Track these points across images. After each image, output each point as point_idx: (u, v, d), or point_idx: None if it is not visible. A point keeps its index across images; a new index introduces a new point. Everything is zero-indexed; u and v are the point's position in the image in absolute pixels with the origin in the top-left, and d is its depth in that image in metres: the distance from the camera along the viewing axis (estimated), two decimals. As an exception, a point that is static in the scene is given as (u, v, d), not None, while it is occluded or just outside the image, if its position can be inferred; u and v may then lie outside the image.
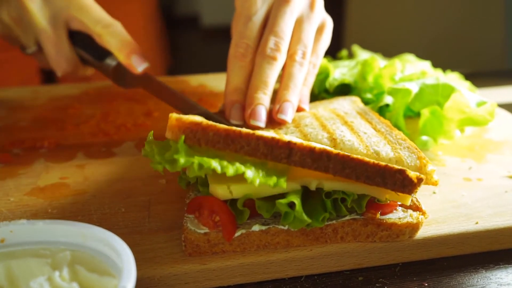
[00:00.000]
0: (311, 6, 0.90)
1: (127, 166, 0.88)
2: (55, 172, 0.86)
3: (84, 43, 0.97)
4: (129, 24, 0.99)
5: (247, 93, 0.83)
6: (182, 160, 0.57)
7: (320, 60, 0.93)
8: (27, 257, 0.55)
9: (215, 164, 0.57)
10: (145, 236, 0.68)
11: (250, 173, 0.58)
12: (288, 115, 0.81)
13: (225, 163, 0.58)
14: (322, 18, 0.93)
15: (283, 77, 0.85)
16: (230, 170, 0.57)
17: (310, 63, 0.90)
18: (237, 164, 0.58)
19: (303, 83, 0.89)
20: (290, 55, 0.86)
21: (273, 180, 0.59)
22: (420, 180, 0.62)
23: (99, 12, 0.95)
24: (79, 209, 0.75)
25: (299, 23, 0.88)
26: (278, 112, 0.81)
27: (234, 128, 0.60)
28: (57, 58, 0.97)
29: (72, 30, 0.97)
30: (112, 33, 0.92)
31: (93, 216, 0.73)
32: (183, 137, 0.59)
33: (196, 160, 0.57)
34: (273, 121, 0.82)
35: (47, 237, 0.56)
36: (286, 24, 0.85)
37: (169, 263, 0.62)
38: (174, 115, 0.62)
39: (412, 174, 0.62)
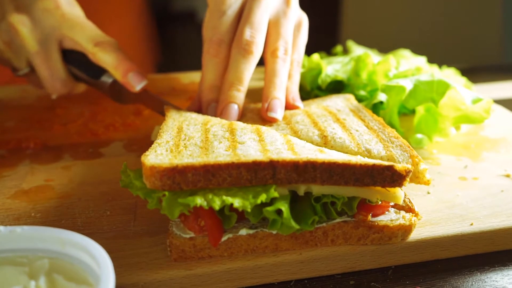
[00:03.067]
0: (287, 1, 0.88)
1: (114, 167, 0.86)
2: (40, 174, 0.84)
3: (78, 62, 0.94)
4: (117, 19, 0.96)
5: (221, 89, 0.81)
6: (170, 215, 0.57)
7: (302, 57, 0.91)
8: (3, 265, 0.53)
9: (200, 200, 0.56)
10: (130, 240, 0.66)
11: (238, 202, 0.56)
12: (278, 113, 0.79)
13: (210, 196, 0.57)
14: (299, 15, 0.92)
15: (267, 74, 0.83)
16: (217, 203, 0.56)
17: (294, 60, 0.88)
18: (223, 197, 0.56)
19: (290, 80, 0.87)
20: (272, 52, 0.84)
21: (262, 197, 0.57)
22: (408, 172, 0.61)
23: (92, 29, 0.91)
24: (63, 213, 0.73)
25: (276, 19, 0.86)
26: (267, 110, 0.79)
27: (212, 161, 0.58)
28: (51, 80, 0.94)
29: (65, 49, 0.94)
30: (107, 51, 0.88)
31: (78, 220, 0.71)
32: (167, 194, 0.57)
33: (182, 204, 0.56)
34: (263, 118, 0.80)
35: (25, 244, 0.54)
36: (261, 16, 0.83)
37: (153, 269, 0.60)
38: (147, 163, 0.58)
39: (400, 167, 0.61)
